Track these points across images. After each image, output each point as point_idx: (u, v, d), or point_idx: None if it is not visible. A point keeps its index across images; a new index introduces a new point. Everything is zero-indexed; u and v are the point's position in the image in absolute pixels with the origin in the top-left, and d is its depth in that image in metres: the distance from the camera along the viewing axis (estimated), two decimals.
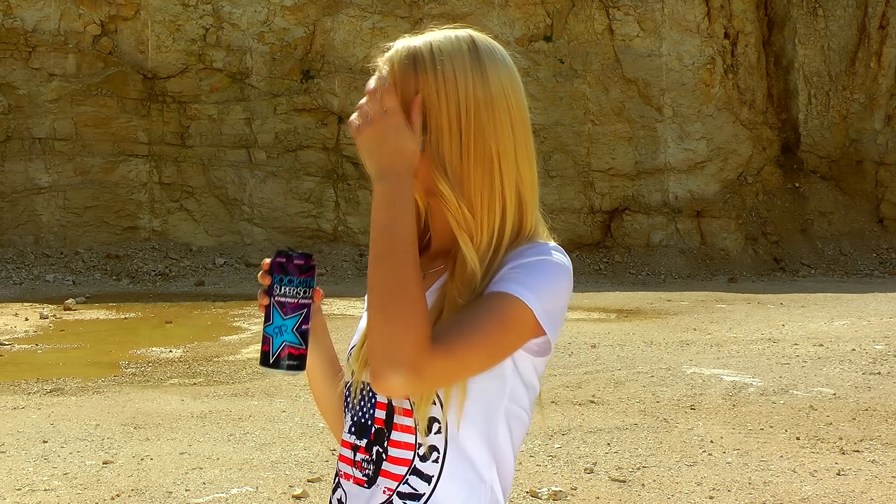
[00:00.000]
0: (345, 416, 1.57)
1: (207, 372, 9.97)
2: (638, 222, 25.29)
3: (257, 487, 5.49)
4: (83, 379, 9.49)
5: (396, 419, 1.47)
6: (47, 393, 8.68)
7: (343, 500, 1.53)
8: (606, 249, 24.96)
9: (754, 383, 8.76)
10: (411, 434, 1.46)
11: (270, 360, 1.50)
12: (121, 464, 6.02)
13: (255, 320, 14.50)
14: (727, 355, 10.53)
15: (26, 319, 14.79)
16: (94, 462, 6.07)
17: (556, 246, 1.48)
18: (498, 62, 1.48)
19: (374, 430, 1.49)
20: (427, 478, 1.45)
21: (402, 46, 1.48)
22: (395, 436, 1.47)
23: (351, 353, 1.57)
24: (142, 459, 6.12)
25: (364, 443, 1.50)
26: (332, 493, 1.56)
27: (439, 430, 1.44)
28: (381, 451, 1.48)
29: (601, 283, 21.69)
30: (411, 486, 1.45)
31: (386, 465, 1.47)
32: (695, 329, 13.13)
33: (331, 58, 24.55)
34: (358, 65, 24.49)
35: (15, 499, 5.31)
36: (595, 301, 17.20)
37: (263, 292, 1.51)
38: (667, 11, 25.48)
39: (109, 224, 23.41)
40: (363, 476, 1.50)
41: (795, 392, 8.33)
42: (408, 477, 1.46)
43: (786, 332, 12.65)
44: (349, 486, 1.52)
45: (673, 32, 25.58)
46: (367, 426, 1.50)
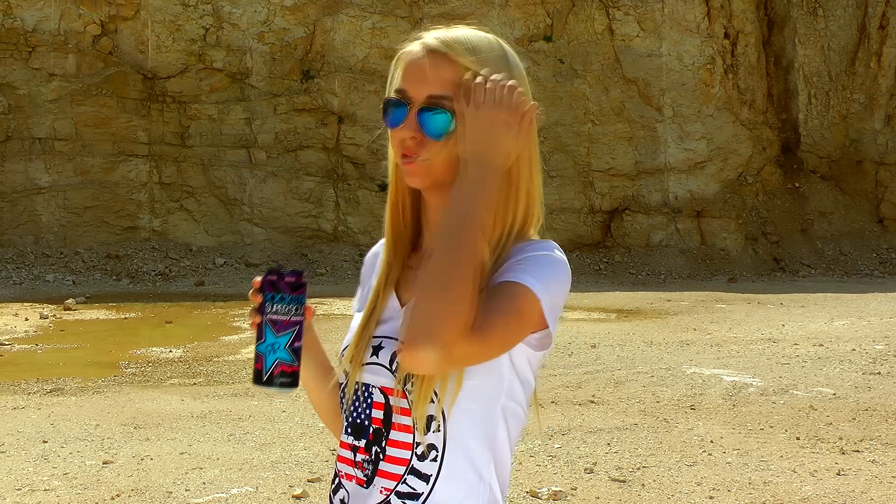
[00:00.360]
0: (343, 417, 1.57)
1: (207, 372, 9.97)
2: (638, 222, 25.29)
3: (257, 487, 5.49)
4: (83, 379, 9.49)
5: (395, 418, 1.47)
6: (47, 393, 8.68)
7: (346, 500, 1.53)
8: (606, 249, 24.96)
9: (754, 383, 8.76)
10: (409, 433, 1.46)
11: (263, 378, 1.49)
12: (121, 464, 6.02)
13: None
14: (727, 355, 10.53)
15: (26, 319, 14.79)
16: (94, 462, 6.07)
17: (555, 244, 1.50)
18: (519, 65, 1.53)
19: (372, 430, 1.49)
20: (425, 477, 1.45)
21: (449, 37, 1.49)
22: (394, 435, 1.47)
23: (343, 353, 1.57)
24: (142, 459, 6.11)
25: (363, 443, 1.50)
26: (334, 494, 1.56)
27: (438, 429, 1.44)
28: (379, 450, 1.48)
29: (601, 283, 21.69)
30: (409, 486, 1.45)
31: (383, 465, 1.47)
32: (695, 329, 13.13)
33: (331, 58, 24.54)
34: (358, 65, 24.50)
35: (15, 499, 5.31)
36: (595, 301, 17.20)
37: (255, 311, 1.51)
38: (667, 11, 25.48)
39: (109, 224, 23.40)
40: (363, 476, 1.50)
41: (795, 392, 8.33)
42: (406, 476, 1.46)
43: (786, 332, 12.65)
44: (351, 486, 1.52)
45: (673, 32, 25.57)
46: (365, 426, 1.50)
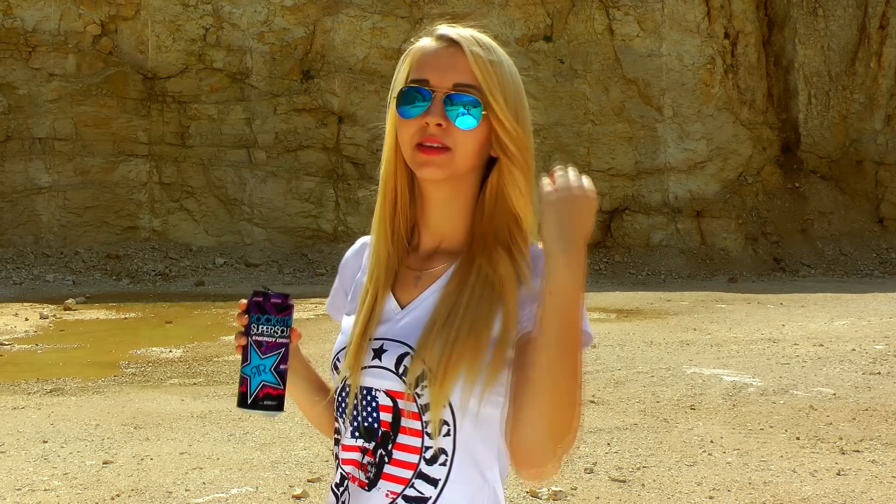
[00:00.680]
0: (341, 421, 1.54)
1: (207, 372, 9.97)
2: (638, 222, 25.30)
3: (257, 487, 5.49)
4: (83, 379, 9.49)
5: (404, 422, 1.45)
6: (47, 393, 8.68)
7: (346, 501, 1.51)
8: (606, 249, 24.96)
9: (754, 383, 8.76)
10: (418, 437, 1.44)
11: (248, 401, 1.47)
12: (121, 464, 6.02)
13: None
14: (727, 355, 10.53)
15: (26, 319, 14.79)
16: (94, 462, 6.06)
17: None
18: (515, 72, 1.55)
19: (380, 432, 1.48)
20: (434, 481, 1.44)
21: (463, 32, 1.50)
22: (402, 439, 1.45)
23: (339, 356, 1.55)
24: (142, 459, 6.11)
25: (372, 445, 1.48)
26: (337, 497, 1.54)
27: (448, 433, 1.44)
28: (385, 454, 1.46)
29: (601, 283, 21.69)
30: (417, 490, 1.44)
31: (388, 469, 1.46)
32: (695, 329, 13.12)
33: (331, 58, 24.54)
34: (358, 65, 24.50)
35: (15, 499, 5.31)
36: (595, 301, 17.19)
37: (240, 333, 1.49)
38: (667, 11, 25.48)
39: (109, 224, 23.40)
40: (365, 479, 1.48)
41: (795, 392, 8.33)
42: (413, 480, 1.45)
43: (786, 332, 12.65)
44: (354, 488, 1.51)
45: (673, 32, 25.57)
46: (375, 429, 1.48)
